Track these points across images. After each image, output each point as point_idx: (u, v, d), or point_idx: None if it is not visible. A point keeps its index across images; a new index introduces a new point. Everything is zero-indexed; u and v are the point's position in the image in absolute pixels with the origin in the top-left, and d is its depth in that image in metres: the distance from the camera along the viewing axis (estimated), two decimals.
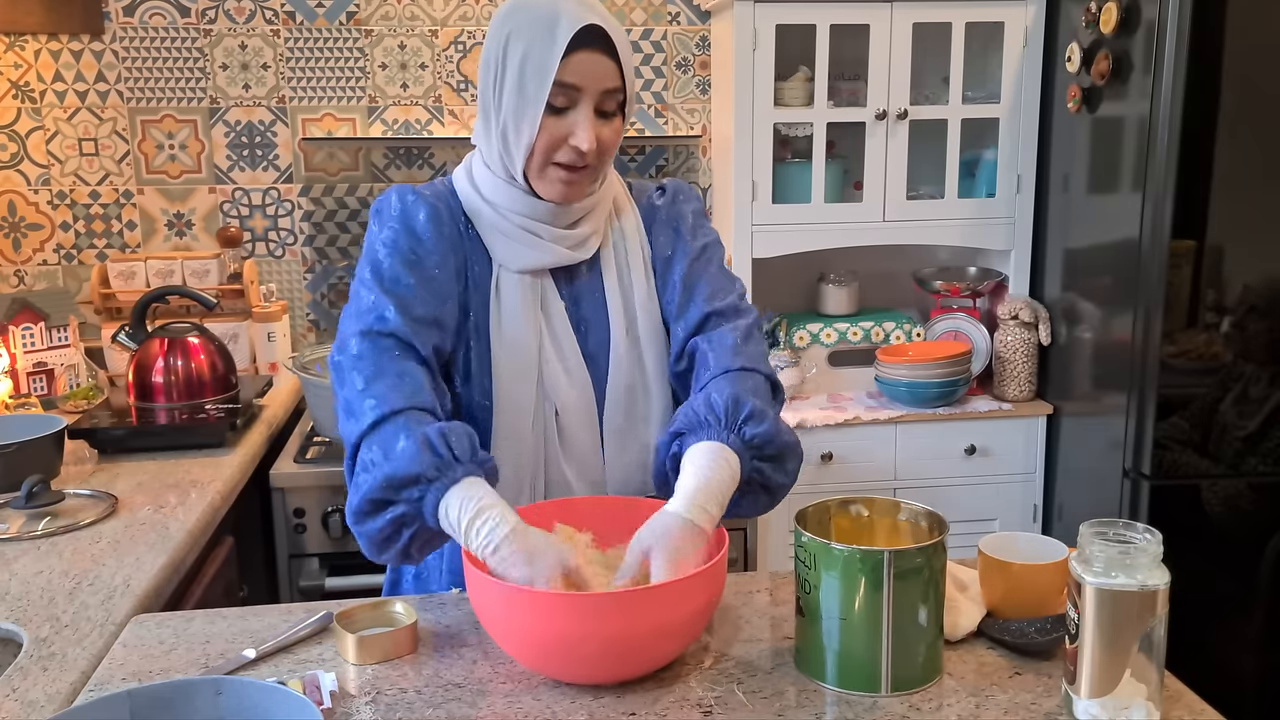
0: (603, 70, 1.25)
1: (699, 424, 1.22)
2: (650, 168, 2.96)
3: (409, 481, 1.13)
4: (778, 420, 1.26)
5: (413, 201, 1.32)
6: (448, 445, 1.14)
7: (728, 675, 1.13)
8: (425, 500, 1.13)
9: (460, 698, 1.10)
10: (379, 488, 1.13)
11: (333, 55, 2.81)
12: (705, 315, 1.35)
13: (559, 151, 1.27)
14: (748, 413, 1.22)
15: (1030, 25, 2.63)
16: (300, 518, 2.24)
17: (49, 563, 1.56)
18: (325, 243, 2.88)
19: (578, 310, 1.37)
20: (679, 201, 1.43)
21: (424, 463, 1.12)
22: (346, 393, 1.21)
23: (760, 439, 1.22)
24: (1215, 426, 2.29)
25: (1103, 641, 1.00)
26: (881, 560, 1.05)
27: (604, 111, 1.27)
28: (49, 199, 2.79)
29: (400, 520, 1.15)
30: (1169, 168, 2.19)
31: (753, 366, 1.32)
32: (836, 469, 2.60)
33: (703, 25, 2.90)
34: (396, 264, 1.28)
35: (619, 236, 1.39)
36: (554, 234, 1.33)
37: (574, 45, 1.23)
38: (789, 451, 1.27)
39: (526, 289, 1.33)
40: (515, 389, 1.32)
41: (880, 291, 2.96)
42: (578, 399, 1.34)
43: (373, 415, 1.17)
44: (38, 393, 2.33)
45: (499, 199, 1.33)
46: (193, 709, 0.94)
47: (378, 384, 1.19)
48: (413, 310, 1.25)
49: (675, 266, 1.39)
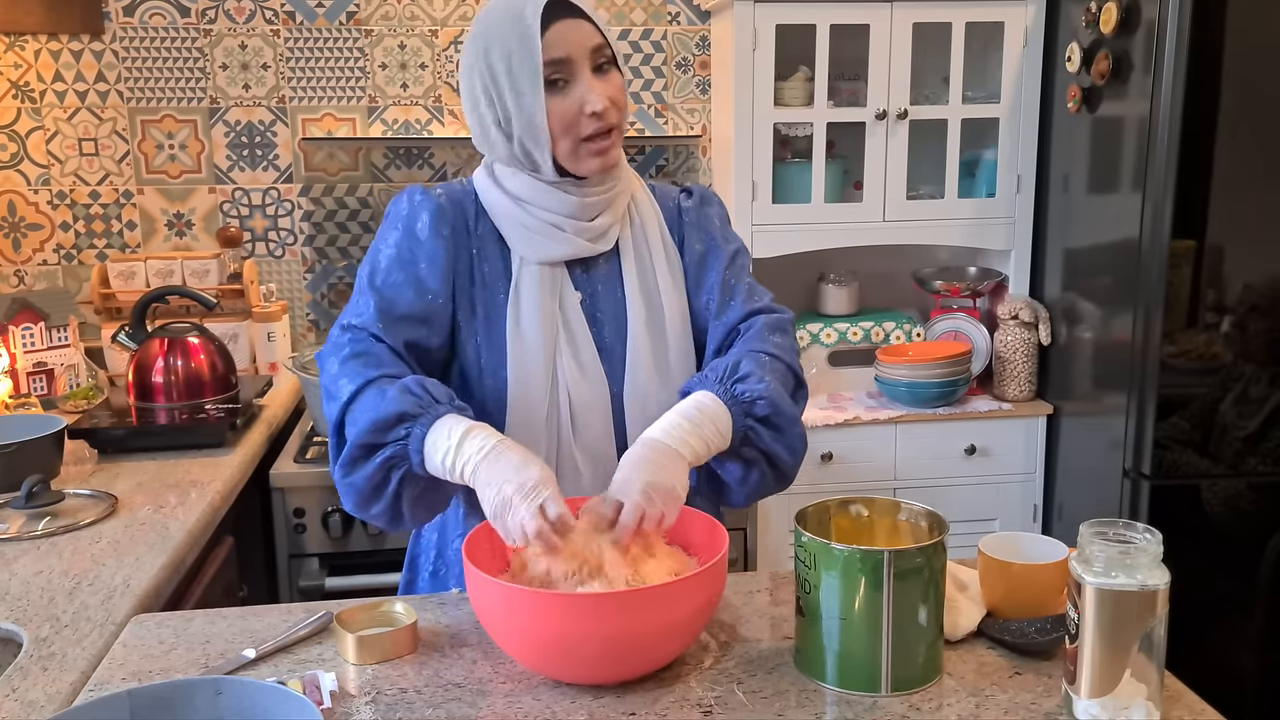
0: (582, 33, 1.28)
1: (697, 381, 1.28)
2: (650, 168, 2.96)
3: (394, 420, 1.18)
4: (778, 389, 1.28)
5: (419, 202, 1.35)
6: (426, 390, 1.20)
7: (728, 675, 1.13)
8: (411, 437, 1.18)
9: (460, 698, 1.10)
10: (366, 432, 1.19)
11: (333, 55, 2.81)
12: (746, 313, 1.39)
13: (579, 125, 1.28)
14: (744, 373, 1.26)
15: (1030, 25, 2.63)
16: (300, 518, 2.24)
17: (49, 563, 1.56)
18: (325, 243, 2.88)
19: (594, 302, 1.38)
20: (705, 205, 1.46)
21: (407, 402, 1.18)
22: (324, 379, 1.28)
23: (750, 395, 1.25)
24: (1215, 426, 2.29)
25: (1103, 641, 1.00)
26: (881, 560, 1.05)
27: (600, 69, 1.30)
28: (49, 199, 2.79)
29: (389, 463, 1.19)
30: (1169, 168, 2.19)
31: (778, 354, 1.34)
32: (836, 469, 2.60)
33: (703, 25, 2.90)
34: (391, 264, 1.33)
35: (639, 229, 1.40)
36: (576, 226, 1.34)
37: (547, 21, 1.26)
38: (785, 419, 1.28)
39: (545, 282, 1.34)
40: (529, 380, 1.33)
41: (880, 291, 2.96)
42: (591, 391, 1.35)
43: (349, 390, 1.23)
44: (38, 393, 2.33)
45: (524, 193, 1.34)
46: (193, 709, 0.94)
47: (349, 365, 1.26)
48: (393, 309, 1.30)
49: (711, 268, 1.41)
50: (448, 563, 1.42)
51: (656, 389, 1.36)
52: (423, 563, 1.46)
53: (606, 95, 1.28)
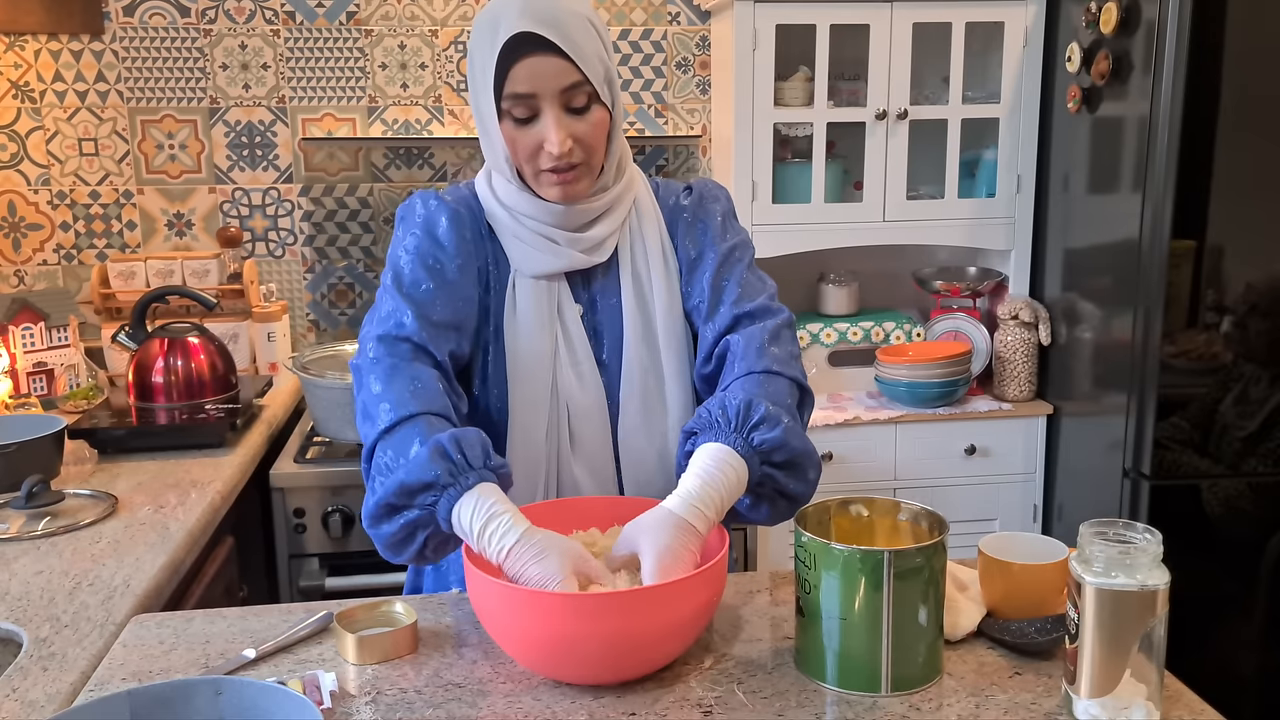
0: (553, 70, 1.22)
1: (709, 424, 1.21)
2: (650, 168, 2.96)
3: (422, 488, 1.14)
4: (794, 426, 1.22)
5: (435, 206, 1.34)
6: (461, 451, 1.14)
7: (728, 675, 1.13)
8: (439, 506, 1.14)
9: (460, 698, 1.10)
10: (393, 494, 1.15)
11: (333, 55, 2.80)
12: (735, 317, 1.34)
13: (539, 158, 1.27)
14: (759, 417, 1.19)
15: (1030, 25, 2.63)
16: (300, 518, 2.24)
17: (49, 563, 1.56)
18: (325, 243, 2.88)
19: (594, 314, 1.37)
20: (706, 202, 1.42)
21: (437, 470, 1.13)
22: (364, 396, 1.23)
23: (770, 444, 1.19)
24: (1215, 426, 2.29)
25: (1103, 641, 1.00)
26: (881, 560, 1.05)
27: (574, 108, 1.25)
28: (49, 199, 2.79)
29: (414, 525, 1.16)
30: (1169, 168, 2.19)
31: (779, 370, 1.29)
32: (836, 469, 2.60)
33: (703, 25, 2.90)
34: (417, 269, 1.30)
35: (637, 239, 1.38)
36: (569, 238, 1.33)
37: (518, 53, 1.22)
38: (805, 459, 1.23)
39: (542, 293, 1.33)
40: (529, 392, 1.32)
41: (880, 291, 2.96)
42: (590, 403, 1.34)
43: (388, 419, 1.19)
44: (38, 393, 2.33)
45: (513, 203, 1.33)
46: (193, 709, 0.94)
47: (393, 388, 1.21)
48: (431, 315, 1.27)
49: (703, 269, 1.38)
50: (448, 561, 1.41)
51: (649, 404, 1.35)
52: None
53: (573, 135, 1.24)
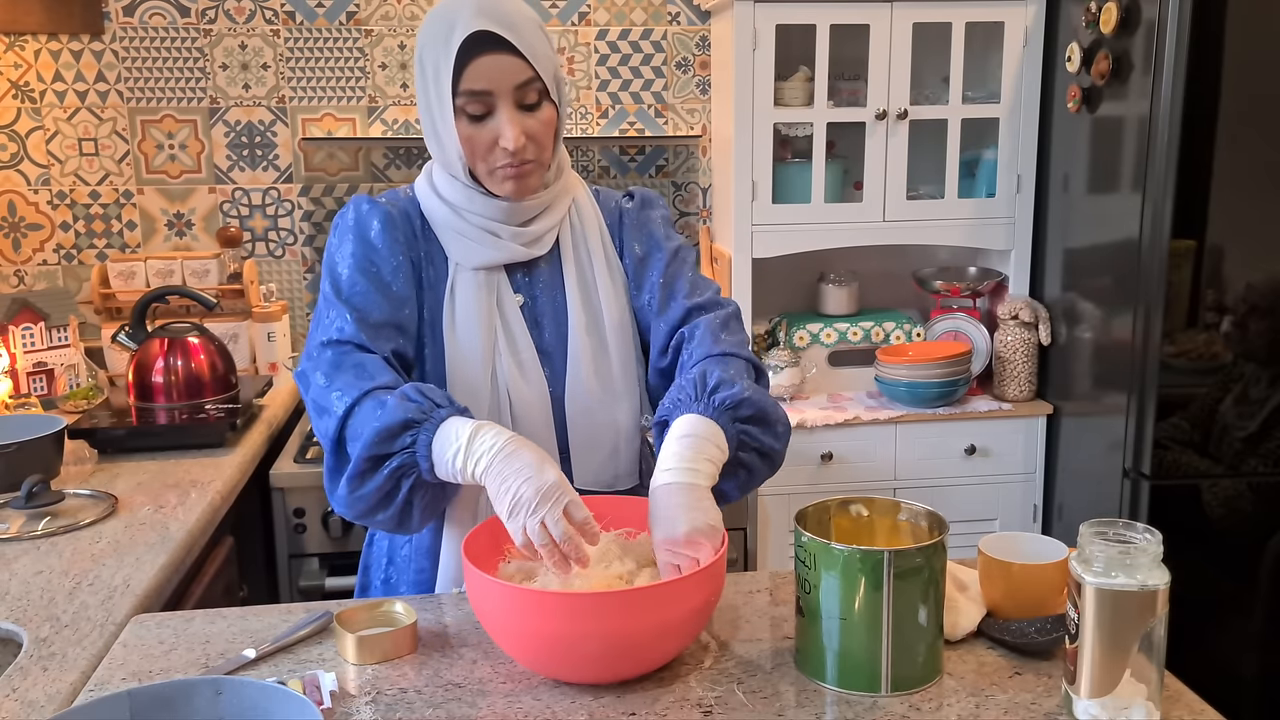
0: (507, 68, 1.26)
1: (674, 405, 1.25)
2: (650, 168, 2.96)
3: (399, 428, 1.16)
4: (753, 385, 1.28)
5: (367, 211, 1.35)
6: (425, 395, 1.18)
7: (728, 675, 1.13)
8: (418, 443, 1.16)
9: (460, 698, 1.10)
10: (371, 444, 1.16)
11: (333, 55, 2.80)
12: (687, 310, 1.39)
13: (492, 155, 1.29)
14: (715, 382, 1.25)
15: (1030, 25, 2.63)
16: (300, 518, 2.24)
17: (49, 563, 1.56)
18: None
19: (535, 305, 1.39)
20: (647, 207, 1.47)
21: (409, 409, 1.17)
22: (312, 394, 1.26)
23: (733, 399, 1.24)
24: (1215, 426, 2.29)
25: (1103, 641, 1.00)
26: (881, 560, 1.05)
27: (526, 105, 1.28)
28: (49, 199, 2.79)
29: (398, 472, 1.18)
30: (1169, 168, 2.19)
31: (734, 352, 1.35)
32: (836, 469, 2.60)
33: (703, 25, 2.90)
34: (354, 274, 1.32)
35: (579, 233, 1.41)
36: (511, 232, 1.35)
37: (473, 51, 1.25)
38: (769, 413, 1.28)
39: (481, 285, 1.35)
40: (469, 384, 1.33)
41: (880, 291, 2.96)
42: (532, 393, 1.35)
43: (343, 404, 1.21)
44: (38, 393, 2.33)
45: (458, 200, 1.35)
46: (193, 709, 0.94)
47: (340, 377, 1.24)
48: (369, 317, 1.29)
49: (652, 267, 1.42)
50: (398, 569, 1.41)
51: (597, 390, 1.37)
52: (374, 571, 1.45)
53: (526, 132, 1.27)
